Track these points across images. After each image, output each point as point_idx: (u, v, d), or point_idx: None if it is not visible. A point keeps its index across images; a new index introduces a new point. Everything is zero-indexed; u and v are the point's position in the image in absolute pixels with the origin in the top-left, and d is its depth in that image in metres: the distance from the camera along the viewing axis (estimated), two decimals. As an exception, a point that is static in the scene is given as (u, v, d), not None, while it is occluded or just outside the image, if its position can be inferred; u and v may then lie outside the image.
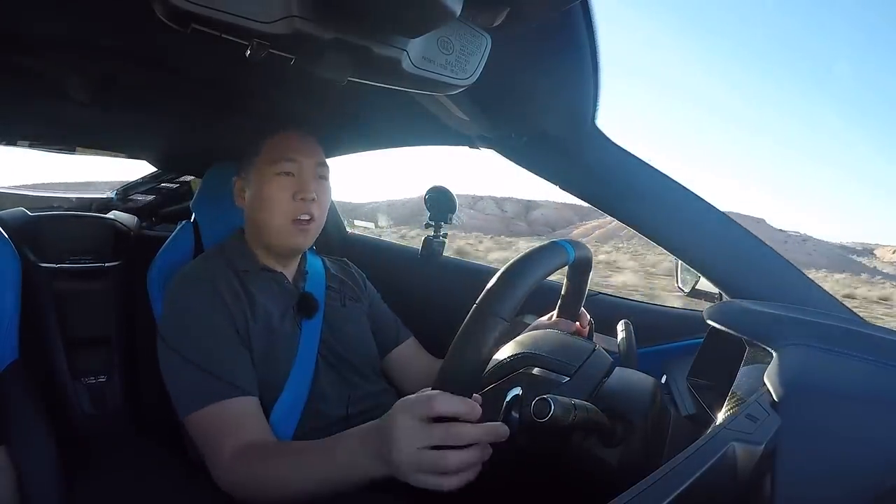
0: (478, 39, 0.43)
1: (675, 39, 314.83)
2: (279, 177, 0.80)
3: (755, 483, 0.33)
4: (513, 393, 0.53)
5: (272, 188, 0.80)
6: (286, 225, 0.80)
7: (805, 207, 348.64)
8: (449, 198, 1.09)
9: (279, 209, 0.80)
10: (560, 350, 0.58)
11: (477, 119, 0.76)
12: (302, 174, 0.81)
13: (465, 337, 0.46)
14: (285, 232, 0.81)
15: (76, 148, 1.34)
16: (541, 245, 0.55)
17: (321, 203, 0.83)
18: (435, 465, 0.46)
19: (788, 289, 0.69)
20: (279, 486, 0.58)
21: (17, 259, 0.82)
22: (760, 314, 0.57)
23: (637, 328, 0.72)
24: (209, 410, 0.67)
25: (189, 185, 1.67)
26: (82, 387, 1.26)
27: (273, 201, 0.80)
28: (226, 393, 0.68)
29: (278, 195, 0.80)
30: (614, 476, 0.49)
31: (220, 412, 0.67)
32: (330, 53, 0.38)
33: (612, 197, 0.78)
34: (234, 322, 0.75)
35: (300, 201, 0.79)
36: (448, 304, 0.87)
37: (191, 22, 0.33)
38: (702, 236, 0.74)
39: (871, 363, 0.43)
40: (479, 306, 0.47)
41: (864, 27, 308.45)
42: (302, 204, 0.80)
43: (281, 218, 0.80)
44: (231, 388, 0.69)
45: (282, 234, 0.81)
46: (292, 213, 0.80)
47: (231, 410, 0.68)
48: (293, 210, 0.80)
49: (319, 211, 0.83)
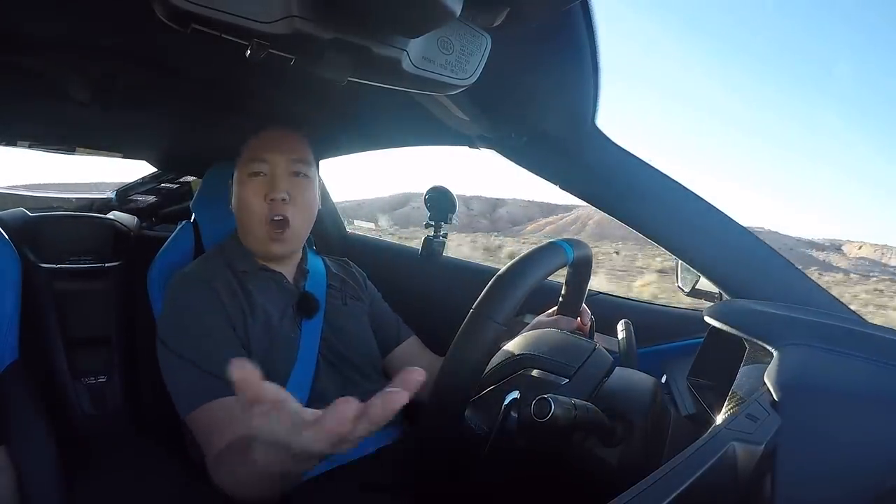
0: (478, 39, 0.43)
1: (661, 34, 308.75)
2: (251, 178, 0.79)
3: (755, 483, 0.33)
4: (511, 396, 0.53)
5: (246, 191, 0.79)
6: (262, 230, 0.78)
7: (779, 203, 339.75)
8: (449, 198, 1.09)
9: (252, 212, 0.78)
10: (559, 351, 0.58)
11: (477, 119, 0.76)
12: (273, 173, 0.79)
13: (461, 340, 0.47)
14: (262, 238, 0.79)
15: (76, 148, 1.34)
16: (539, 246, 0.55)
17: (299, 203, 0.80)
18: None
19: (789, 288, 0.69)
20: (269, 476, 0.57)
21: (17, 259, 0.82)
22: (761, 314, 0.57)
23: (637, 328, 0.72)
24: (208, 408, 0.67)
25: (189, 185, 1.66)
26: (82, 387, 1.26)
27: (246, 204, 0.79)
28: (224, 391, 0.68)
29: (251, 198, 0.78)
30: (614, 476, 0.49)
31: (218, 409, 0.67)
32: (330, 53, 0.38)
33: (612, 197, 0.78)
34: (231, 322, 0.75)
35: (271, 202, 0.78)
36: (448, 304, 0.87)
37: (191, 22, 0.33)
38: (702, 236, 0.74)
39: (871, 363, 0.43)
40: (475, 310, 0.47)
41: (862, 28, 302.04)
42: (273, 204, 0.78)
43: (256, 223, 0.78)
44: (229, 386, 0.68)
45: (259, 240, 0.80)
46: (265, 214, 0.78)
47: (229, 408, 0.68)
48: (266, 211, 0.78)
49: (297, 211, 0.80)
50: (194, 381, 0.69)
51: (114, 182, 1.75)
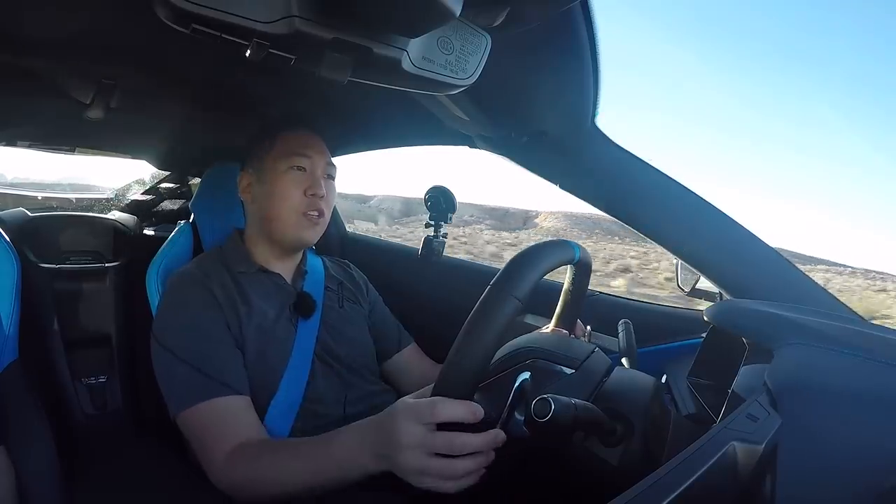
0: (478, 39, 0.43)
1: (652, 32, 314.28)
2: (292, 171, 0.81)
3: (755, 483, 0.33)
4: (522, 377, 0.53)
5: (285, 182, 0.81)
6: (295, 217, 0.81)
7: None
8: (449, 198, 1.10)
9: (290, 203, 0.81)
10: (563, 344, 0.59)
11: (477, 119, 0.76)
12: (314, 171, 0.83)
13: (479, 314, 0.47)
14: (294, 224, 0.82)
15: (76, 148, 1.34)
16: (551, 239, 0.57)
17: (329, 202, 0.85)
18: (440, 472, 0.47)
19: (789, 288, 0.69)
20: (275, 482, 0.59)
21: (17, 259, 0.82)
22: (761, 313, 0.57)
23: (637, 328, 0.72)
24: (200, 408, 0.67)
25: (189, 185, 1.66)
26: (82, 387, 1.26)
27: (285, 195, 0.81)
28: (216, 391, 0.68)
29: (290, 190, 0.81)
30: (614, 476, 0.49)
31: (210, 410, 0.67)
32: (330, 53, 0.38)
33: (612, 197, 0.79)
34: (226, 322, 0.75)
35: (311, 197, 0.81)
36: (448, 304, 0.87)
37: (191, 22, 0.33)
38: (702, 235, 0.74)
39: (872, 362, 0.43)
40: (495, 285, 0.48)
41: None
42: (313, 199, 0.81)
43: (291, 211, 0.81)
44: (222, 387, 0.69)
45: (290, 226, 0.82)
46: (303, 207, 0.81)
47: (222, 408, 0.68)
48: (304, 205, 0.81)
49: (328, 209, 0.85)
50: (187, 380, 0.69)
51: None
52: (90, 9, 0.61)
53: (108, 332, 1.30)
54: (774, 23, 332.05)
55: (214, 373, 0.69)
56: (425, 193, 1.08)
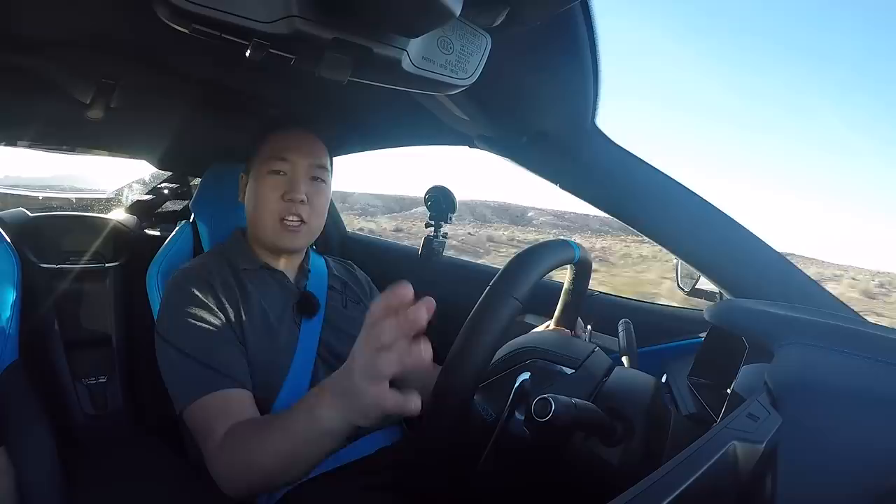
0: (478, 39, 0.43)
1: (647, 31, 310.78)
2: (270, 175, 0.81)
3: (756, 482, 0.33)
4: (522, 377, 0.53)
5: (264, 187, 0.81)
6: (272, 223, 0.81)
7: None
8: (449, 198, 1.10)
9: (267, 208, 0.80)
10: (563, 344, 0.59)
11: (477, 119, 0.76)
12: (294, 174, 0.81)
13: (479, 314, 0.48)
14: (272, 230, 0.81)
15: (76, 148, 1.34)
16: (551, 239, 0.57)
17: (315, 206, 0.82)
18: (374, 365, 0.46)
19: (789, 287, 0.69)
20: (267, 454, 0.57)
21: (17, 259, 0.82)
22: (761, 313, 0.57)
23: (637, 328, 0.72)
24: (205, 400, 0.67)
25: (189, 185, 1.67)
26: (82, 387, 1.26)
27: (263, 200, 0.81)
28: (223, 383, 0.68)
29: (268, 194, 0.80)
30: (614, 476, 0.49)
31: (214, 402, 0.67)
32: (330, 53, 0.38)
33: (612, 196, 0.78)
34: (228, 318, 0.75)
35: (288, 202, 0.80)
36: (448, 304, 0.87)
37: (191, 22, 0.33)
38: (702, 235, 0.74)
39: (872, 362, 0.43)
40: (494, 286, 0.49)
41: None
42: (290, 205, 0.80)
43: (269, 217, 0.81)
44: (226, 379, 0.69)
45: (269, 231, 0.81)
46: (280, 212, 0.80)
47: (227, 399, 0.68)
48: (281, 210, 0.80)
49: (312, 213, 0.82)
50: (191, 374, 0.69)
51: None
52: (90, 8, 0.61)
53: (109, 332, 1.30)
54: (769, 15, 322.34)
55: (218, 366, 0.69)
56: (425, 193, 1.08)
